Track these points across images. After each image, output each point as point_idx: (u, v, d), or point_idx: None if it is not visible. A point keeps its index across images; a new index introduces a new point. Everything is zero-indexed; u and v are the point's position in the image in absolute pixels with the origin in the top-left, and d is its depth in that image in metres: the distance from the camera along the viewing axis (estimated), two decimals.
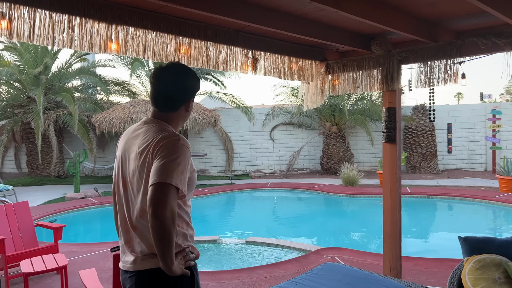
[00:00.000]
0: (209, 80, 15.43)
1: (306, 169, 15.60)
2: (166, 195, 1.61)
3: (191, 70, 1.96)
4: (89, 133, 13.40)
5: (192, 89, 1.95)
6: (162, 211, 1.59)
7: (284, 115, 15.30)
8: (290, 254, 5.98)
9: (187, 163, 1.74)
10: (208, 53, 3.53)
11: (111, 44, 2.99)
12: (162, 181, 1.62)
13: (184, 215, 1.87)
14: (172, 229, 1.62)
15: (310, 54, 4.35)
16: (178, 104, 1.91)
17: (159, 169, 1.66)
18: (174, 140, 1.74)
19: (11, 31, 2.58)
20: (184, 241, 1.86)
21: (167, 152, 1.70)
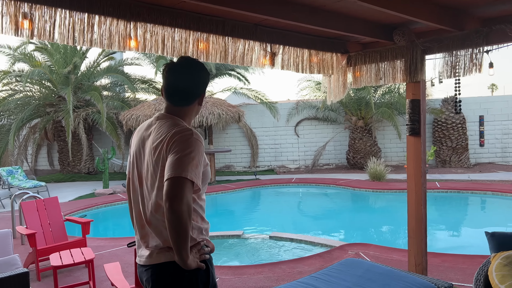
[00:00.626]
0: (233, 76, 15.46)
1: (331, 164, 15.44)
2: (182, 189, 1.63)
3: (202, 65, 1.97)
4: (117, 130, 13.70)
5: (204, 83, 1.97)
6: (178, 205, 1.61)
7: (308, 109, 15.17)
8: (314, 249, 5.93)
9: (200, 157, 1.75)
10: (226, 48, 3.52)
11: (130, 41, 3.03)
12: (177, 175, 1.64)
13: (198, 209, 1.88)
14: (188, 223, 1.64)
15: (331, 46, 4.28)
16: (193, 98, 1.93)
17: (173, 163, 1.67)
18: (187, 135, 1.76)
19: (32, 30, 2.65)
20: (199, 235, 1.87)
21: (181, 147, 1.71)
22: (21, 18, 2.59)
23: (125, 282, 3.38)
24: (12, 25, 2.58)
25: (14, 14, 2.56)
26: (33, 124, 14.69)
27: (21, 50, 14.03)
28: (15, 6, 2.54)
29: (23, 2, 2.56)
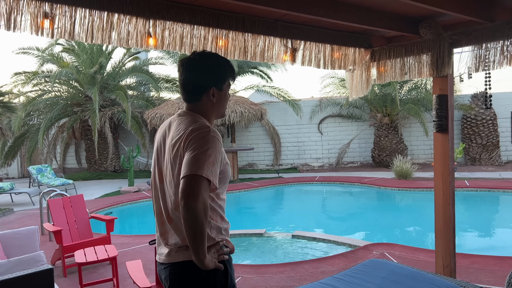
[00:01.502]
0: (255, 74, 15.42)
1: (356, 162, 15.20)
2: (197, 187, 1.59)
3: (211, 57, 1.90)
4: (142, 129, 13.89)
5: (212, 77, 1.86)
6: (193, 203, 1.57)
7: (332, 106, 14.98)
8: (338, 249, 5.83)
9: (218, 155, 1.70)
10: (246, 45, 3.47)
11: (148, 39, 3.02)
12: (193, 173, 1.60)
13: (217, 208, 1.84)
14: (205, 221, 1.60)
15: (354, 41, 4.16)
16: (199, 94, 1.87)
17: (190, 161, 1.64)
18: (204, 132, 1.72)
19: (53, 30, 2.67)
20: (218, 235, 1.83)
21: (198, 144, 1.68)
22: (42, 18, 2.61)
23: (146, 280, 3.39)
24: (33, 24, 2.61)
25: (35, 14, 2.59)
26: (61, 124, 15.06)
27: (49, 51, 14.40)
28: (36, 6, 2.57)
29: (44, 1, 2.58)
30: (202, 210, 1.58)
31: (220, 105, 1.92)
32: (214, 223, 1.81)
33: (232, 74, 1.93)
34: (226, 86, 1.91)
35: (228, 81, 1.92)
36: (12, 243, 4.38)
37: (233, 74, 1.94)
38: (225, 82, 1.90)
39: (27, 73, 14.38)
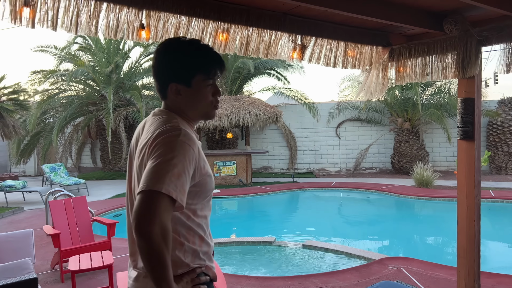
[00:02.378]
0: (272, 76, 15.12)
1: (375, 168, 14.71)
2: (154, 207, 1.27)
3: (179, 47, 1.55)
4: None
5: (173, 70, 1.53)
6: (148, 226, 1.25)
7: (351, 110, 14.53)
8: (351, 262, 5.46)
9: (188, 165, 1.38)
10: (248, 39, 3.17)
11: (141, 31, 2.76)
12: (149, 188, 1.29)
13: (195, 227, 1.52)
14: (164, 249, 1.28)
15: (371, 38, 3.81)
16: (163, 89, 1.56)
17: (148, 172, 1.33)
18: (172, 136, 1.40)
19: (34, 18, 2.43)
20: (194, 260, 1.51)
21: (162, 151, 1.36)
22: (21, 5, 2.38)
23: None
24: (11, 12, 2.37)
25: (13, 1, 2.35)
26: (77, 123, 15.08)
27: (67, 50, 14.44)
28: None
29: None
30: (159, 235, 1.26)
31: (193, 104, 1.57)
32: (189, 245, 1.49)
33: (207, 66, 1.55)
34: (198, 81, 1.53)
35: (203, 75, 1.54)
36: (6, 246, 4.19)
37: (209, 66, 1.55)
38: (193, 77, 1.53)
39: (45, 72, 14.43)
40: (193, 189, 1.47)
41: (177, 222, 1.47)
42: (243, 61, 13.22)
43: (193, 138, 1.45)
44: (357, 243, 6.87)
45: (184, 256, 1.47)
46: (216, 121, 11.48)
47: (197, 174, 1.45)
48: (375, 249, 6.45)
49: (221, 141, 14.26)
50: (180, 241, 1.47)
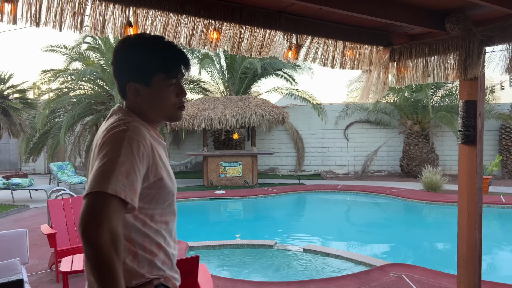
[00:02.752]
0: (279, 76, 15.01)
1: (383, 171, 14.49)
2: (100, 210, 1.17)
3: (136, 44, 1.45)
4: (163, 129, 13.73)
5: (129, 69, 1.43)
6: (95, 232, 1.15)
7: (359, 112, 14.34)
8: (352, 267, 5.32)
9: (137, 162, 1.27)
10: (241, 38, 3.08)
11: (128, 28, 2.69)
12: (95, 189, 1.19)
13: (152, 235, 1.41)
14: (113, 256, 1.17)
15: (371, 38, 3.69)
16: (122, 89, 1.46)
17: (94, 174, 1.24)
18: (119, 132, 1.31)
19: (15, 14, 2.37)
20: (152, 270, 1.41)
21: (108, 149, 1.27)
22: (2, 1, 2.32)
23: None
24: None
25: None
26: (85, 122, 15.14)
27: (76, 50, 14.51)
28: None
29: None
30: (108, 241, 1.16)
31: (154, 105, 1.45)
32: (144, 254, 1.39)
33: (169, 65, 1.44)
34: (158, 80, 1.43)
35: (164, 74, 1.43)
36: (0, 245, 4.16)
37: (171, 64, 1.44)
38: (153, 76, 1.42)
39: (55, 71, 14.53)
40: (148, 192, 1.37)
41: (131, 229, 1.37)
42: (250, 61, 13.14)
43: (144, 134, 1.35)
44: (360, 248, 6.72)
45: (139, 266, 1.38)
46: (222, 121, 11.41)
47: (151, 174, 1.35)
48: (378, 254, 6.30)
49: (227, 141, 14.19)
50: (134, 250, 1.37)
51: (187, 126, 11.63)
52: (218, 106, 11.80)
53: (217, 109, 11.67)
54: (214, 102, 12.07)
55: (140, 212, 1.38)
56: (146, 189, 1.36)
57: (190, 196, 10.44)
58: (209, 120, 11.48)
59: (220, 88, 15.17)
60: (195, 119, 11.47)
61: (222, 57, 14.29)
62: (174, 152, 15.35)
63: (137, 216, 1.37)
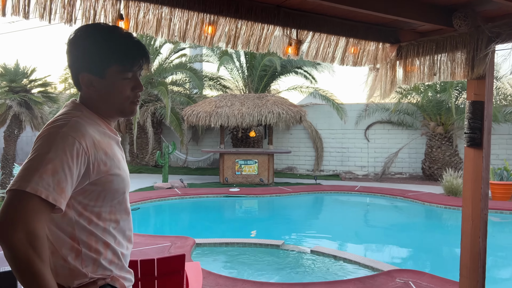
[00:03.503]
0: (299, 74, 14.85)
1: (405, 173, 14.13)
2: (16, 209, 1.11)
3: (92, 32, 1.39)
4: (182, 126, 13.83)
5: (83, 59, 1.36)
6: (8, 231, 1.09)
7: (380, 112, 14.03)
8: (359, 271, 5.18)
9: (68, 160, 1.20)
10: (237, 33, 3.01)
11: (119, 21, 2.66)
12: (14, 187, 1.14)
13: (99, 233, 1.35)
14: (32, 256, 1.11)
15: (377, 35, 3.55)
16: (76, 79, 1.40)
17: (19, 170, 1.19)
18: (54, 127, 1.25)
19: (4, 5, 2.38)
20: (97, 270, 1.35)
21: (39, 145, 1.22)
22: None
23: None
24: None
25: None
26: None
27: None
28: None
29: None
30: (23, 241, 1.10)
31: (107, 98, 1.39)
32: (88, 253, 1.33)
33: (126, 56, 1.37)
34: (113, 72, 1.36)
35: (120, 66, 1.36)
36: None
37: (128, 57, 1.37)
38: (108, 67, 1.35)
39: None
40: (93, 188, 1.32)
41: (75, 227, 1.32)
42: (270, 59, 13.05)
43: (83, 130, 1.28)
44: (371, 252, 6.55)
45: (82, 265, 1.32)
46: (238, 119, 11.37)
47: (93, 171, 1.29)
48: (389, 259, 6.11)
49: (245, 139, 14.16)
50: (78, 248, 1.32)
51: (204, 123, 11.66)
52: (235, 103, 11.77)
53: (234, 106, 11.65)
54: (231, 99, 12.05)
55: (85, 209, 1.32)
56: (89, 185, 1.31)
57: (205, 192, 10.46)
58: (225, 117, 11.46)
59: (240, 86, 15.15)
60: (212, 116, 11.48)
61: (242, 55, 14.26)
62: (192, 148, 15.44)
63: (81, 213, 1.32)
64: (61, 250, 1.30)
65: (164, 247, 5.84)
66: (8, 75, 9.10)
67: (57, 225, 1.30)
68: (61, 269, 1.30)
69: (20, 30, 28.55)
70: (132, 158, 15.67)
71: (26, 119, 9.21)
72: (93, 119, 1.38)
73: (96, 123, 1.38)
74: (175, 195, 10.11)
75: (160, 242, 6.11)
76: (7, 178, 9.10)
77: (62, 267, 1.30)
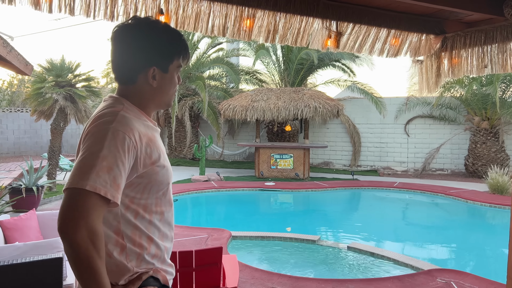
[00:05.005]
0: (337, 68, 14.59)
1: (446, 169, 13.63)
2: (78, 207, 1.15)
3: (156, 27, 1.40)
4: (218, 120, 13.97)
5: (152, 52, 1.38)
6: (71, 229, 1.13)
7: (421, 106, 13.56)
8: (398, 270, 5.05)
9: (121, 156, 1.23)
10: (276, 26, 2.97)
11: (159, 16, 2.70)
12: (73, 186, 1.16)
13: (144, 227, 1.37)
14: (93, 253, 1.15)
15: (421, 25, 3.42)
16: (133, 74, 1.40)
17: (75, 167, 1.21)
18: (104, 123, 1.27)
19: (51, 3, 2.46)
20: (141, 264, 1.37)
21: (91, 142, 1.23)
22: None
23: None
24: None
25: None
26: None
27: None
28: None
29: None
30: (85, 239, 1.13)
31: (162, 92, 1.44)
32: (133, 248, 1.35)
33: (183, 52, 1.43)
34: (173, 67, 1.42)
35: (177, 61, 1.43)
36: (50, 224, 4.44)
37: (184, 52, 1.44)
38: (171, 62, 1.41)
39: None
40: (139, 181, 1.34)
41: (120, 221, 1.34)
42: (307, 52, 12.90)
43: (131, 124, 1.30)
44: (410, 250, 6.38)
45: (126, 260, 1.34)
46: (274, 113, 11.33)
47: (140, 164, 1.31)
48: (429, 258, 5.92)
49: (280, 133, 14.11)
50: (122, 243, 1.34)
51: (240, 116, 11.71)
52: (271, 97, 11.74)
53: (270, 100, 11.61)
54: (267, 93, 12.02)
55: (132, 202, 1.35)
56: (137, 178, 1.33)
57: (240, 186, 10.53)
58: (261, 111, 11.46)
59: (276, 80, 15.09)
60: (248, 110, 11.50)
61: (278, 48, 14.17)
62: (228, 142, 15.57)
63: (128, 206, 1.35)
64: (107, 245, 1.33)
65: (201, 239, 5.93)
66: (54, 70, 9.48)
67: (102, 221, 1.33)
68: (108, 265, 1.32)
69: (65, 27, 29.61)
70: (171, 151, 16.01)
71: (71, 112, 9.56)
72: (135, 112, 1.40)
73: (139, 115, 1.40)
74: (212, 187, 10.25)
75: (197, 234, 6.21)
76: (54, 169, 9.51)
77: (109, 263, 1.33)
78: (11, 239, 3.79)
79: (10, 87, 21.84)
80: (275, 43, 3.01)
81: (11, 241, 3.77)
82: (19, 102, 19.20)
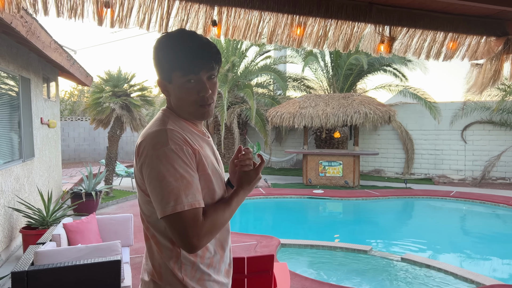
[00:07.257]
0: (388, 72, 14.20)
1: (508, 178, 12.79)
2: (191, 225, 1.27)
3: (162, 41, 1.41)
4: (266, 127, 14.04)
5: (158, 66, 1.42)
6: (201, 244, 1.30)
7: (480, 111, 12.86)
8: (455, 284, 4.80)
9: (190, 166, 1.31)
10: (326, 33, 2.95)
11: (211, 28, 2.77)
12: (172, 212, 1.26)
13: None
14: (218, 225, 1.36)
15: (481, 27, 3.26)
16: (163, 88, 1.47)
17: (157, 196, 1.28)
18: (161, 146, 1.30)
19: (113, 18, 2.60)
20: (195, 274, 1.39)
21: (160, 168, 1.28)
22: (101, 6, 2.56)
23: None
24: (95, 14, 2.57)
25: (95, 2, 2.55)
26: None
27: None
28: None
29: None
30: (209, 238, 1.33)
31: (178, 102, 1.43)
32: (187, 256, 1.37)
33: (185, 60, 1.36)
34: (176, 77, 1.38)
35: (179, 71, 1.37)
36: (108, 228, 4.65)
37: (187, 60, 1.36)
38: (172, 72, 1.39)
39: None
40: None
41: None
42: (356, 57, 12.67)
43: (181, 136, 1.34)
44: (468, 263, 6.03)
45: (181, 270, 1.37)
46: (323, 119, 11.21)
47: (196, 168, 1.36)
48: (489, 272, 5.57)
49: (329, 140, 13.92)
50: (177, 251, 1.37)
51: (288, 123, 11.70)
52: (320, 103, 11.62)
53: (318, 107, 11.51)
54: (315, 100, 11.92)
55: None
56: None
57: (288, 193, 10.49)
58: (309, 118, 11.38)
59: (324, 86, 14.95)
60: (296, 117, 11.46)
61: (327, 54, 14.04)
62: (276, 149, 15.58)
63: None
64: (163, 254, 1.38)
65: (250, 245, 5.96)
66: (112, 81, 9.98)
67: (159, 230, 1.38)
68: (165, 273, 1.38)
69: (121, 39, 31.15)
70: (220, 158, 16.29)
71: (126, 120, 10.00)
72: (180, 123, 1.43)
73: (184, 125, 1.43)
74: (260, 194, 10.28)
75: (246, 240, 6.25)
76: (110, 175, 9.98)
77: (166, 271, 1.38)
78: (74, 241, 4.01)
79: (71, 97, 23.26)
80: (324, 49, 2.99)
81: (73, 243, 3.99)
82: (79, 111, 20.37)
